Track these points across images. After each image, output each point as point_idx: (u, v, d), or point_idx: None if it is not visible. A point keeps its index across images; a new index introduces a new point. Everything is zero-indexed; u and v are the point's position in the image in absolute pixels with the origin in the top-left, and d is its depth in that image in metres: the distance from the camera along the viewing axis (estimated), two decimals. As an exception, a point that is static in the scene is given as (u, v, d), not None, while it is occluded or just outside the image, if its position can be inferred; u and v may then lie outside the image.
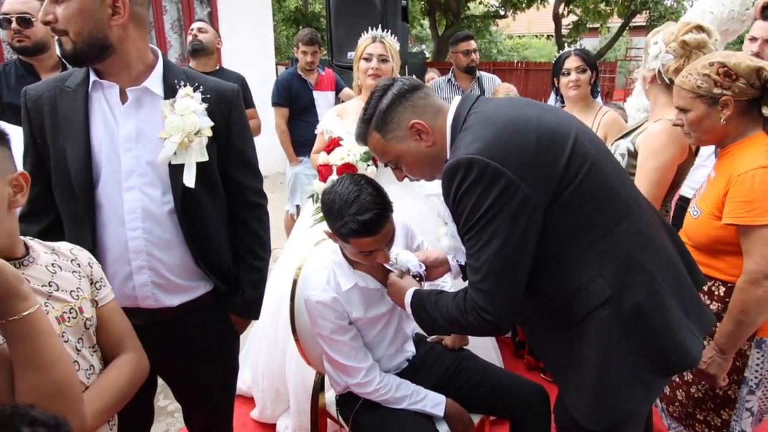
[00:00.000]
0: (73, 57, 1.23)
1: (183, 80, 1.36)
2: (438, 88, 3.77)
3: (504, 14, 12.89)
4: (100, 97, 1.31)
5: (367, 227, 1.40)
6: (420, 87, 1.30)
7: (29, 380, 0.86)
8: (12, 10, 2.17)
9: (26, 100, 1.35)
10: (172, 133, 1.29)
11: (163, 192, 1.34)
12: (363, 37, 2.36)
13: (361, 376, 1.56)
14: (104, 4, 1.20)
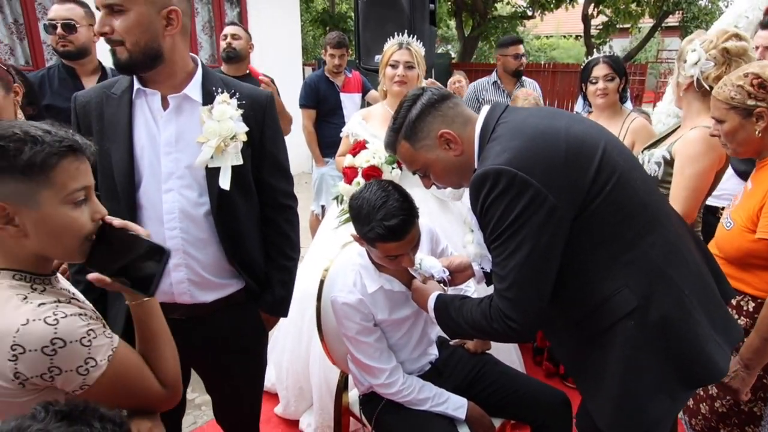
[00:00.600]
0: (127, 66, 1.29)
1: (220, 87, 1.42)
2: (482, 89, 3.79)
3: (531, 15, 12.74)
4: (143, 104, 1.38)
5: (393, 233, 1.43)
6: (449, 97, 1.33)
7: (166, 353, 1.05)
8: (57, 17, 2.27)
9: (75, 106, 1.43)
10: (210, 137, 1.36)
11: (199, 194, 1.41)
12: (389, 43, 2.38)
13: (384, 377, 1.60)
14: (160, 16, 1.26)
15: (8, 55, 5.38)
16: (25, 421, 0.70)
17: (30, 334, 0.85)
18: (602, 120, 2.57)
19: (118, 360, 0.94)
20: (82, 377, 0.90)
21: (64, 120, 2.06)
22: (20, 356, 0.85)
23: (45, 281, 0.98)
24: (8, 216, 0.89)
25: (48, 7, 5.56)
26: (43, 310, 0.88)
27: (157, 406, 1.05)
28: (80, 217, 0.94)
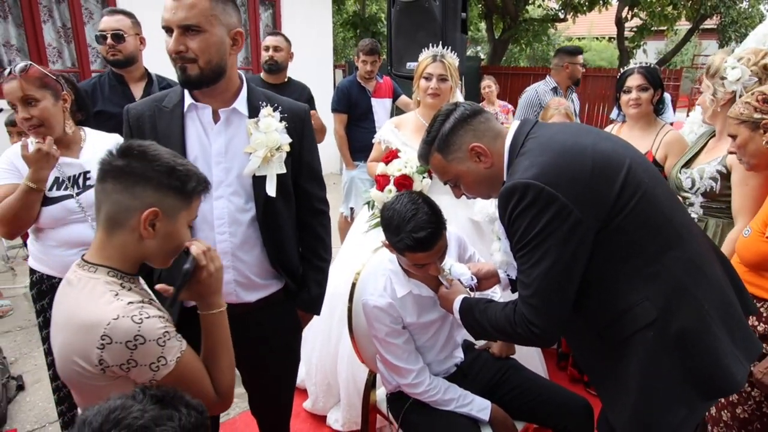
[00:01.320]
0: (196, 82, 1.39)
1: (263, 101, 1.53)
2: (544, 94, 3.82)
3: (563, 17, 12.60)
4: (194, 117, 1.49)
5: (421, 244, 1.51)
6: (481, 112, 1.39)
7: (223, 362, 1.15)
8: (107, 28, 2.43)
9: (128, 118, 1.53)
10: (257, 148, 1.47)
11: (246, 200, 1.52)
12: (423, 54, 2.43)
13: (412, 377, 1.67)
14: (228, 37, 1.38)
15: (56, 57, 5.65)
16: (128, 401, 0.81)
17: (118, 328, 0.97)
18: (635, 131, 2.59)
19: (183, 362, 1.05)
20: (152, 372, 1.01)
21: (113, 124, 2.20)
22: (107, 346, 0.97)
23: (131, 280, 1.11)
24: (155, 220, 1.06)
25: (94, 13, 5.83)
26: (131, 309, 1.00)
27: (207, 409, 1.15)
28: (187, 235, 1.15)
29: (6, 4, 5.26)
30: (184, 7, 1.31)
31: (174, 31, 1.33)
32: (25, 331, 3.46)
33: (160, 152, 1.09)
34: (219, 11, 1.35)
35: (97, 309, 1.00)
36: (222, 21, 1.36)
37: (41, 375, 2.92)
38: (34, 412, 2.64)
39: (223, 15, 1.37)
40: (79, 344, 0.99)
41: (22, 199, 1.72)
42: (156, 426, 0.80)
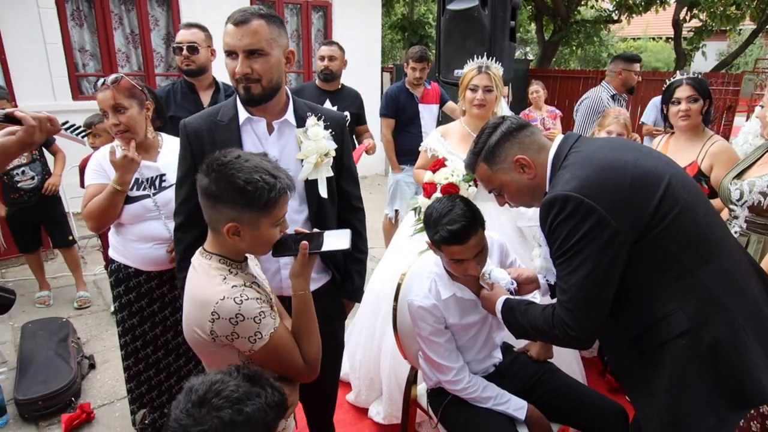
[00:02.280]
0: (259, 99, 1.55)
1: (307, 111, 1.69)
2: (607, 102, 3.84)
3: (617, 19, 12.25)
4: (249, 129, 1.64)
5: (455, 236, 1.61)
6: (527, 126, 1.48)
7: (311, 337, 1.34)
8: (183, 40, 2.66)
9: (187, 132, 1.65)
10: (308, 155, 1.63)
11: (300, 203, 1.69)
12: (469, 65, 2.51)
13: (452, 374, 1.77)
14: (283, 56, 1.54)
15: (125, 61, 6.06)
16: (226, 377, 0.99)
17: (223, 307, 1.18)
18: (681, 142, 2.58)
19: (276, 337, 1.24)
20: (250, 344, 1.21)
21: None
22: (216, 320, 1.18)
23: (238, 267, 1.31)
24: (237, 232, 1.23)
25: (159, 20, 6.20)
26: (234, 291, 1.19)
27: (298, 377, 1.35)
28: (276, 233, 1.29)
29: (82, 12, 5.69)
30: (249, 33, 1.46)
31: (239, 55, 1.48)
32: (95, 315, 3.78)
33: (237, 168, 1.20)
34: (276, 35, 1.51)
35: (209, 290, 1.21)
36: (279, 43, 1.52)
37: (109, 356, 3.20)
38: (104, 389, 2.90)
39: (279, 38, 1.52)
40: (197, 317, 1.22)
41: (108, 199, 1.94)
42: (248, 400, 0.97)
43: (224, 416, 0.94)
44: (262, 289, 1.32)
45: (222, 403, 0.95)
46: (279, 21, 1.53)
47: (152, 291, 2.21)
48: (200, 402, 0.96)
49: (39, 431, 2.56)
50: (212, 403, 0.95)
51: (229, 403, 0.95)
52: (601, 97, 3.88)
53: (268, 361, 1.27)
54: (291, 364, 1.30)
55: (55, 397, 2.63)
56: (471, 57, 2.62)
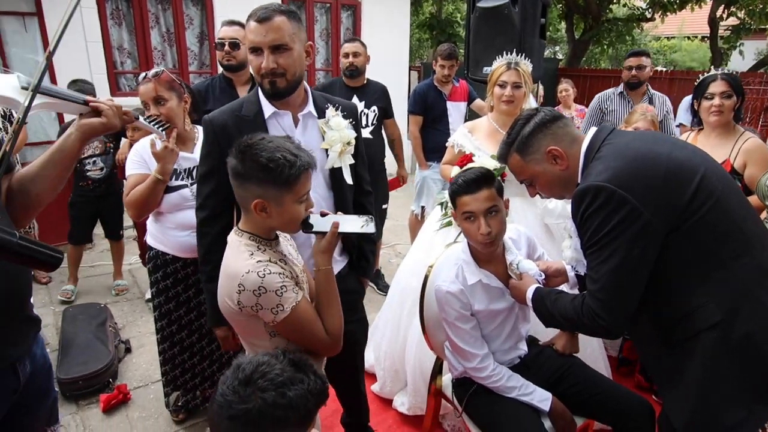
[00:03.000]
0: (284, 92, 1.62)
1: (325, 103, 1.76)
2: (606, 100, 3.88)
3: (651, 17, 11.99)
4: (275, 123, 1.70)
5: (467, 184, 1.70)
6: (560, 118, 1.50)
7: (333, 310, 1.40)
8: (225, 36, 2.77)
9: (213, 128, 1.68)
10: (332, 144, 1.71)
11: (326, 189, 1.78)
12: (498, 62, 2.52)
13: (477, 361, 1.80)
14: (304, 50, 1.61)
15: (160, 59, 6.24)
16: (272, 359, 1.05)
17: (248, 280, 1.27)
18: (713, 138, 2.54)
19: (298, 310, 1.32)
20: (273, 315, 1.29)
21: None
22: (242, 292, 1.28)
23: (267, 244, 1.39)
24: (264, 208, 1.31)
25: (194, 19, 6.37)
26: (258, 266, 1.28)
27: (321, 350, 1.42)
28: (301, 210, 1.35)
29: (121, 12, 5.89)
30: (273, 29, 1.53)
31: (264, 51, 1.54)
32: (130, 302, 3.93)
33: (261, 148, 1.28)
34: (296, 30, 1.58)
35: (237, 264, 1.31)
36: (300, 37, 1.59)
37: (144, 341, 3.33)
38: (139, 372, 3.03)
39: (299, 32, 1.59)
40: (227, 288, 1.32)
41: (150, 188, 2.03)
42: (291, 384, 1.02)
43: (267, 398, 0.99)
44: (289, 267, 1.39)
45: (267, 385, 1.00)
46: (297, 16, 1.61)
47: (188, 277, 2.30)
48: (246, 381, 1.01)
49: (79, 409, 2.69)
50: (257, 383, 1.00)
51: (273, 386, 1.00)
52: (601, 96, 3.90)
53: (291, 332, 1.35)
54: (313, 337, 1.37)
55: (94, 377, 2.75)
56: (500, 54, 2.63)
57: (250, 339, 1.44)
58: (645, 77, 3.75)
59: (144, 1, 5.89)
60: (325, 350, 1.43)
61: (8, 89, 1.11)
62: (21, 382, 1.27)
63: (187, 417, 2.59)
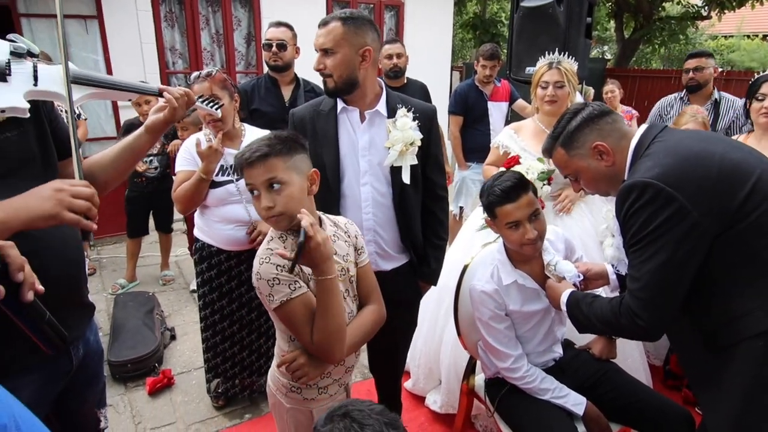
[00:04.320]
0: (333, 92, 1.73)
1: (399, 103, 1.81)
2: (667, 106, 3.69)
3: (707, 15, 11.46)
4: (344, 118, 1.80)
5: (506, 193, 1.68)
6: (608, 113, 1.47)
7: (324, 322, 1.30)
8: (273, 38, 2.87)
9: (293, 120, 1.88)
10: (395, 143, 1.75)
11: (386, 187, 1.82)
12: (540, 62, 2.49)
13: (510, 361, 1.80)
14: (357, 54, 1.67)
15: (209, 59, 6.46)
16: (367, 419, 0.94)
17: (255, 263, 1.34)
18: (764, 142, 2.43)
19: (288, 306, 1.31)
20: (268, 302, 1.33)
21: (265, 121, 2.63)
22: (254, 273, 1.34)
23: (291, 234, 1.38)
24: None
25: (241, 21, 6.57)
26: (264, 253, 1.33)
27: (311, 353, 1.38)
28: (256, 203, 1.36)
29: (174, 14, 6.15)
30: (323, 34, 1.66)
31: (320, 52, 1.67)
32: (176, 292, 4.10)
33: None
34: (350, 35, 1.65)
35: (260, 247, 1.39)
36: (351, 42, 1.65)
37: (188, 329, 3.48)
38: (183, 359, 3.16)
39: (353, 37, 1.65)
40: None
41: (195, 186, 2.14)
42: None
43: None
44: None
45: None
46: (358, 22, 1.66)
47: (231, 269, 2.40)
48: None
49: (127, 390, 2.84)
50: None
51: None
52: (662, 103, 3.73)
53: (283, 323, 1.38)
54: (299, 337, 1.36)
55: (141, 361, 2.90)
56: (544, 54, 2.60)
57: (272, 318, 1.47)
58: (706, 79, 3.50)
59: (195, 4, 6.12)
60: (313, 353, 1.38)
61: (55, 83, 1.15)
62: (74, 365, 1.34)
63: (226, 403, 2.69)
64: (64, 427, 1.40)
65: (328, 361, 1.41)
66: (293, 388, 1.47)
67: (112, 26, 5.63)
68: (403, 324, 2.07)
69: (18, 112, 1.11)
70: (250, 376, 2.63)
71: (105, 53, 5.48)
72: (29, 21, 5.16)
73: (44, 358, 1.25)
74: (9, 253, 0.80)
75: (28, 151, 1.18)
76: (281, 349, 1.49)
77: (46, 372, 1.26)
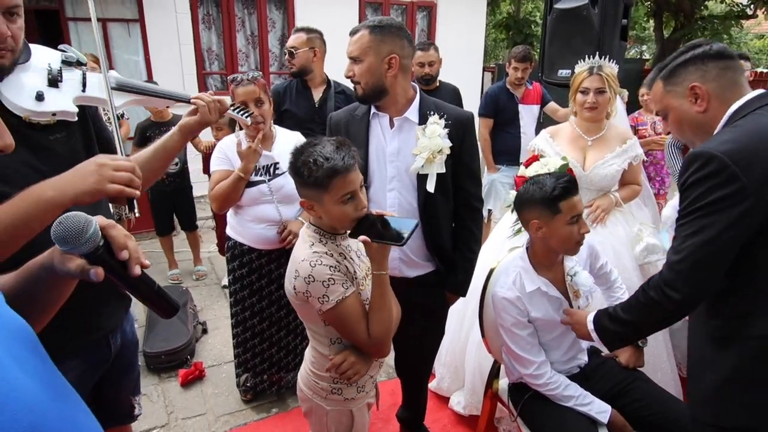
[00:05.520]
0: (362, 98, 1.78)
1: (432, 110, 1.82)
2: None
3: (752, 14, 11.03)
4: (376, 124, 1.84)
5: (572, 183, 1.71)
6: (726, 57, 1.34)
7: (381, 315, 1.40)
8: (287, 45, 2.99)
9: (331, 124, 1.94)
10: (422, 151, 1.76)
11: (412, 194, 1.83)
12: (580, 66, 2.43)
13: (533, 368, 1.80)
14: (383, 62, 1.70)
15: (244, 60, 6.63)
16: None
17: (302, 267, 1.36)
18: None
19: (343, 305, 1.37)
20: (320, 304, 1.36)
21: (294, 122, 2.71)
22: (296, 277, 1.37)
23: (330, 237, 1.45)
24: (311, 206, 1.39)
25: (276, 22, 6.71)
26: (313, 256, 1.37)
27: (363, 349, 1.46)
28: (347, 209, 1.38)
29: (211, 17, 6.33)
30: (353, 42, 1.72)
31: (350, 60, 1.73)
32: (208, 287, 4.23)
33: (300, 151, 1.36)
34: (375, 43, 1.69)
35: (298, 251, 1.42)
36: (376, 50, 1.69)
37: (219, 324, 3.58)
38: (213, 352, 3.26)
39: (379, 45, 1.69)
40: (289, 272, 1.42)
41: (233, 184, 2.21)
42: None
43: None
44: (347, 262, 1.45)
45: None
46: (385, 30, 1.69)
47: (262, 267, 2.46)
48: None
49: (161, 381, 2.95)
50: None
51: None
52: None
53: (335, 324, 1.42)
54: (355, 334, 1.41)
55: (175, 353, 3.01)
56: (577, 57, 2.56)
57: (308, 324, 1.52)
58: None
59: (232, 6, 6.28)
60: (366, 350, 1.46)
61: (101, 90, 1.23)
62: (112, 353, 1.43)
63: (254, 397, 2.76)
64: (101, 413, 1.47)
65: (379, 355, 1.48)
66: (334, 390, 1.52)
67: (152, 29, 5.84)
68: (430, 333, 2.07)
69: (67, 115, 1.19)
70: (279, 372, 2.69)
71: (146, 55, 5.69)
72: (76, 24, 5.41)
73: (88, 344, 1.34)
74: (111, 234, 0.82)
75: (75, 152, 1.26)
76: (321, 354, 1.51)
77: (89, 358, 1.35)
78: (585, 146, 2.45)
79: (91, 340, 1.34)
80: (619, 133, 2.48)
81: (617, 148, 2.42)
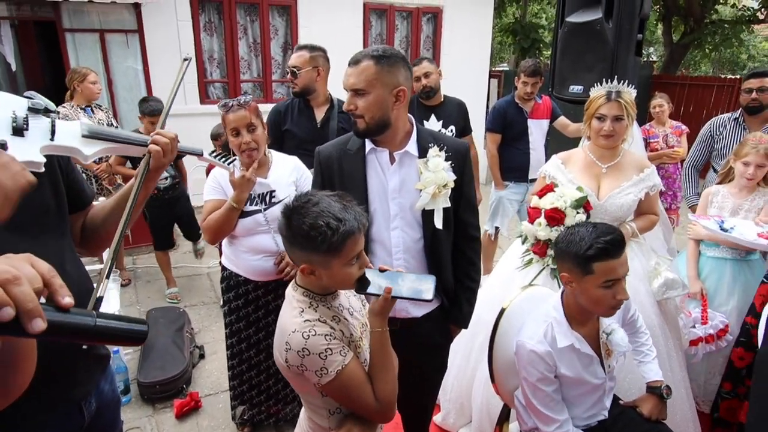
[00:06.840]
0: (363, 133, 1.64)
1: (431, 141, 1.69)
2: (720, 125, 3.40)
3: (764, 18, 10.84)
4: (373, 159, 1.70)
5: (614, 245, 1.54)
6: None
7: (385, 375, 1.30)
8: (290, 64, 2.84)
9: (320, 159, 1.78)
10: (427, 185, 1.64)
11: (417, 231, 1.71)
12: (596, 90, 2.29)
13: (554, 427, 1.66)
14: (391, 95, 1.57)
15: (246, 68, 6.51)
16: None
17: (293, 339, 1.22)
18: None
19: (344, 374, 1.23)
20: (318, 378, 1.23)
21: (296, 143, 2.57)
22: (288, 350, 1.23)
23: (321, 300, 1.32)
24: (312, 271, 1.26)
25: (278, 29, 6.59)
26: (305, 326, 1.23)
27: (369, 416, 1.33)
28: (352, 271, 1.27)
29: (213, 24, 6.21)
30: (355, 73, 1.57)
31: (350, 92, 1.59)
32: (206, 306, 4.11)
33: (303, 213, 1.21)
34: (383, 75, 1.56)
35: (287, 320, 1.28)
36: (384, 82, 1.56)
37: (217, 347, 3.46)
38: (210, 380, 3.15)
39: (387, 77, 1.56)
40: (278, 343, 1.29)
41: (225, 215, 2.08)
42: None
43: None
44: (342, 325, 1.32)
45: None
46: (391, 60, 1.57)
47: (258, 299, 2.35)
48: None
49: (155, 412, 2.83)
50: None
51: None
52: (714, 121, 3.39)
53: (337, 396, 1.29)
54: (361, 402, 1.29)
55: (170, 383, 2.89)
56: (590, 72, 2.42)
57: (303, 395, 1.39)
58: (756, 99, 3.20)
59: (234, 13, 6.17)
60: (373, 417, 1.33)
61: (71, 138, 1.14)
62: (86, 419, 1.29)
63: (252, 430, 2.64)
64: None
65: (386, 420, 1.36)
66: None
67: (152, 38, 5.73)
68: (433, 368, 1.98)
69: (33, 166, 1.07)
70: (276, 404, 2.58)
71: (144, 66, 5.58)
72: (73, 36, 5.31)
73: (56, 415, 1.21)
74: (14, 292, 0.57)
75: (44, 204, 1.15)
76: (319, 426, 1.38)
77: (58, 429, 1.22)
78: (599, 174, 2.31)
79: (60, 412, 1.22)
80: (635, 161, 2.33)
81: (634, 177, 2.27)
